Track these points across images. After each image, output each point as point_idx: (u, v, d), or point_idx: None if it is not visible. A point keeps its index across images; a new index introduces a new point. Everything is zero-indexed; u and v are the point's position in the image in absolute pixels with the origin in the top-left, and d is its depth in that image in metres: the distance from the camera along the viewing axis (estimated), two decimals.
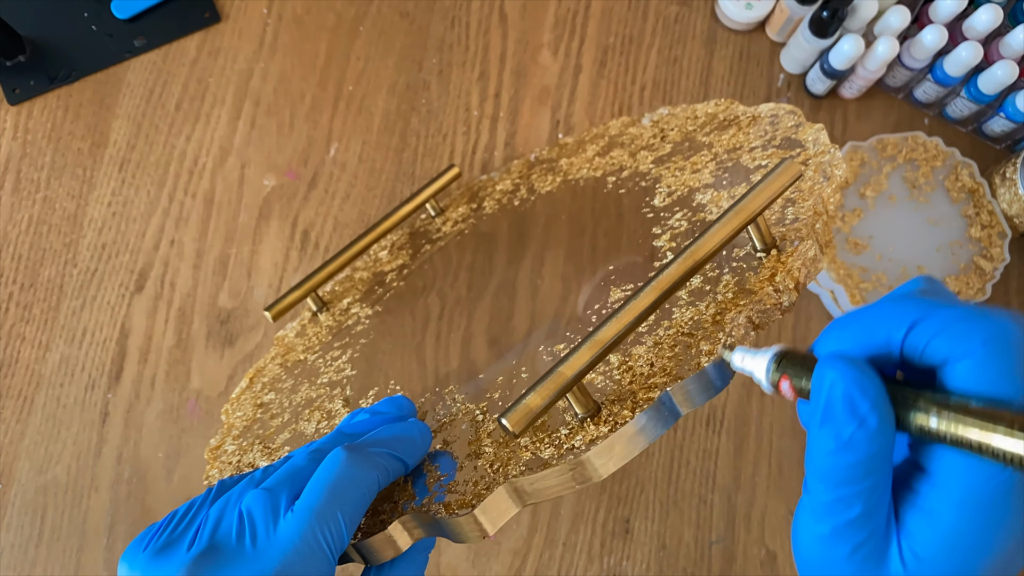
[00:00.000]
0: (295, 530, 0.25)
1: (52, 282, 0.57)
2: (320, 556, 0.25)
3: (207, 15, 0.61)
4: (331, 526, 0.25)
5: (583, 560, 0.54)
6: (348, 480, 0.26)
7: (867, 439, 0.20)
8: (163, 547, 0.26)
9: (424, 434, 0.31)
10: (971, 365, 0.19)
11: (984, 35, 0.55)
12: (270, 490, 0.26)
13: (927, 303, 0.20)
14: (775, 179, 0.28)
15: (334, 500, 0.25)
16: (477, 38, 0.62)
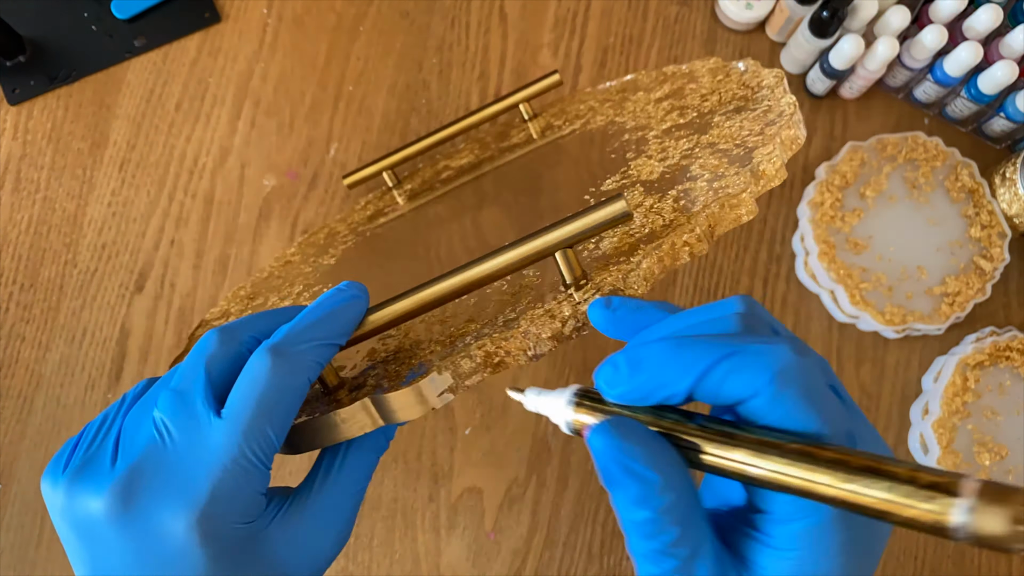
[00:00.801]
0: (224, 452, 0.23)
1: (52, 282, 0.57)
2: (253, 471, 0.24)
3: (207, 15, 0.61)
4: (261, 442, 0.24)
5: (583, 560, 0.54)
6: (276, 389, 0.24)
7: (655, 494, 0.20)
8: (81, 467, 0.24)
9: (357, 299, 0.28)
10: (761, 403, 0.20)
11: (984, 35, 0.55)
12: (180, 392, 0.24)
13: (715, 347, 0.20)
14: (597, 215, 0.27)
15: (262, 413, 0.24)
16: (477, 38, 0.62)
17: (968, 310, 0.56)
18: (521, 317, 0.28)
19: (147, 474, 0.23)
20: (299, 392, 0.25)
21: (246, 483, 0.24)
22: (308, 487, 0.28)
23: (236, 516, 0.24)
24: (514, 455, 0.55)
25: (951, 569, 0.55)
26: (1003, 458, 0.54)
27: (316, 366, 0.25)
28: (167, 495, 0.23)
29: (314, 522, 0.27)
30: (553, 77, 0.52)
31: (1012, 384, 0.55)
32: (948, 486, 0.16)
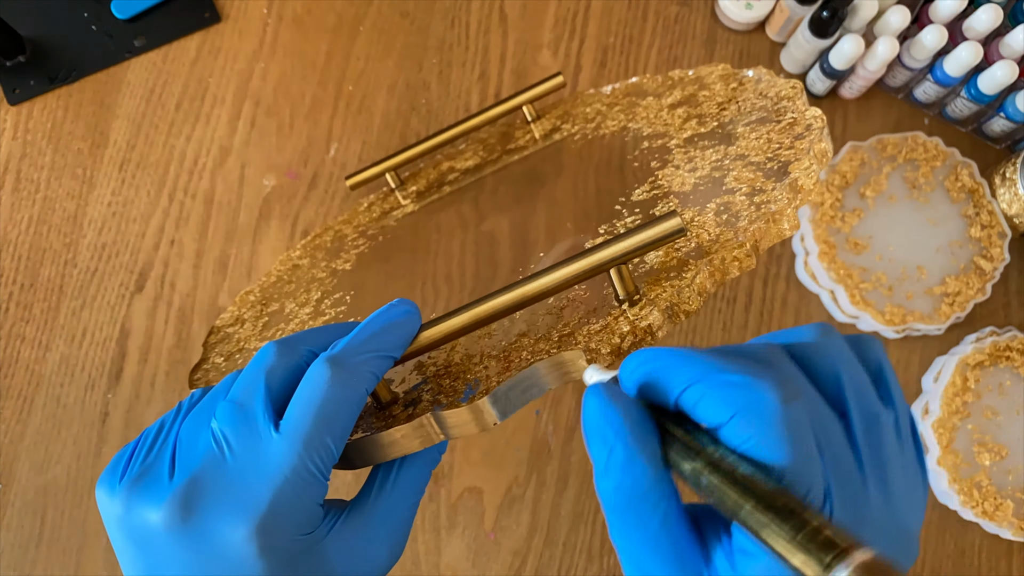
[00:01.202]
0: (284, 463, 0.23)
1: (52, 282, 0.57)
2: (313, 483, 0.24)
3: (207, 15, 0.61)
4: (321, 453, 0.24)
5: (583, 560, 0.54)
6: (335, 401, 0.24)
7: (619, 467, 0.20)
8: (139, 477, 0.24)
9: (410, 315, 0.28)
10: (731, 432, 0.20)
11: (984, 35, 0.55)
12: (240, 404, 0.24)
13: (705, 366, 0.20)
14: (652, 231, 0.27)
15: (323, 424, 0.24)
16: (477, 38, 0.62)
17: (968, 310, 0.56)
18: (577, 332, 0.28)
19: (206, 485, 0.23)
20: (357, 403, 0.25)
21: (305, 495, 0.24)
22: (364, 499, 0.28)
23: (295, 528, 0.24)
24: (514, 455, 0.55)
25: (951, 569, 0.55)
26: (1003, 458, 0.54)
27: (373, 377, 0.26)
28: (227, 506, 0.23)
29: (370, 534, 0.27)
30: (556, 79, 0.52)
31: (1012, 384, 0.55)
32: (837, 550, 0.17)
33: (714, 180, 0.33)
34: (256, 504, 0.23)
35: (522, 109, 0.53)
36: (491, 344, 0.31)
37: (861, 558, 0.17)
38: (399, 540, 0.28)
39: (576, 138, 0.47)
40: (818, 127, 0.32)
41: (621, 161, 0.40)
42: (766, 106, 0.36)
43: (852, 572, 0.16)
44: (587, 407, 0.21)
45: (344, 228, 0.54)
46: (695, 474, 0.20)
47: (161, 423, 0.27)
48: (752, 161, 0.33)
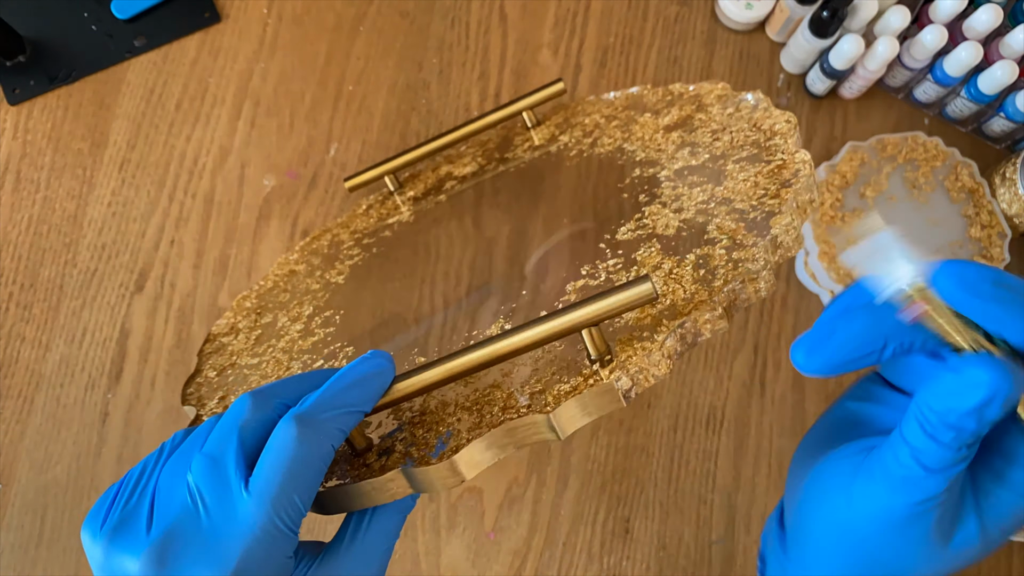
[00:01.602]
0: (253, 521, 0.24)
1: (52, 282, 0.57)
2: (281, 537, 0.25)
3: (207, 15, 0.61)
4: (289, 510, 0.25)
5: (583, 560, 0.54)
6: (302, 459, 0.25)
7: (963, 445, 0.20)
8: (119, 525, 0.25)
9: (383, 369, 0.29)
10: None
11: (984, 35, 0.55)
12: (214, 459, 0.25)
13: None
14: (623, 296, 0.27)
15: (290, 482, 0.25)
16: (477, 38, 0.62)
17: None
18: (548, 391, 0.29)
19: (180, 540, 0.24)
20: (324, 459, 0.26)
21: (275, 549, 0.25)
22: (337, 545, 0.28)
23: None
24: (514, 455, 0.55)
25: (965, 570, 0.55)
26: None
27: (340, 434, 0.26)
28: (198, 561, 0.24)
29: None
30: (557, 86, 0.52)
31: None
32: None
33: (697, 226, 0.33)
34: (227, 560, 0.24)
35: (523, 115, 0.53)
36: (465, 393, 0.31)
37: None
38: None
39: (572, 153, 0.47)
40: (805, 174, 0.32)
41: (612, 190, 0.40)
42: (758, 141, 0.36)
43: None
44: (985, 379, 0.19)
45: (341, 233, 0.54)
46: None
47: (143, 466, 0.27)
48: (737, 208, 0.33)
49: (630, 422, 0.56)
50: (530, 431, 0.28)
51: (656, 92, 0.48)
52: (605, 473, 0.55)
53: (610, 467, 0.55)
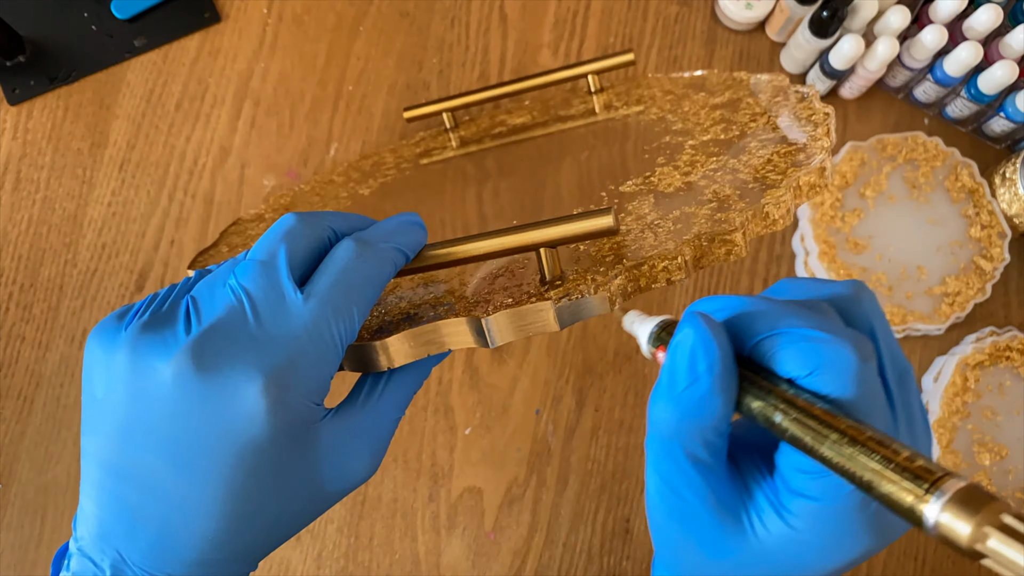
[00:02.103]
0: (308, 318, 0.23)
1: (52, 282, 0.57)
2: (331, 351, 0.24)
3: (207, 15, 0.61)
4: (345, 321, 0.24)
5: (583, 560, 0.54)
6: (362, 275, 0.24)
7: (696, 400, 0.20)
8: (151, 324, 0.23)
9: (420, 225, 0.29)
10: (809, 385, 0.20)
11: (984, 35, 0.55)
12: (264, 263, 0.24)
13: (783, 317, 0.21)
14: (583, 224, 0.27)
15: (350, 293, 0.24)
16: (477, 38, 0.62)
17: (968, 310, 0.56)
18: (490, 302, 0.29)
19: (227, 336, 0.23)
20: (381, 283, 0.25)
21: (323, 361, 0.24)
22: (352, 403, 0.28)
23: (307, 392, 0.24)
24: (514, 455, 0.55)
25: (951, 569, 0.55)
26: (1003, 458, 0.54)
27: (393, 265, 0.26)
28: (245, 357, 0.22)
29: (356, 435, 0.27)
30: (627, 56, 0.51)
31: (1012, 384, 0.55)
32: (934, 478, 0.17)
33: (696, 188, 0.33)
34: (275, 359, 0.23)
35: (587, 78, 0.52)
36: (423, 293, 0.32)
37: (958, 485, 0.17)
38: (380, 449, 0.28)
39: (617, 119, 0.48)
40: (819, 159, 0.32)
41: (637, 150, 0.41)
42: (791, 127, 0.36)
43: (950, 500, 0.16)
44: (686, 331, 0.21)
45: (387, 156, 0.55)
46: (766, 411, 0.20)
47: (170, 288, 0.26)
48: (740, 177, 0.33)
49: (630, 422, 0.56)
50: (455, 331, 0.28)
51: (720, 75, 0.48)
52: (605, 473, 0.55)
53: (610, 467, 0.55)
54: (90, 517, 0.25)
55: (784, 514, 0.21)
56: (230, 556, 0.25)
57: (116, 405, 0.24)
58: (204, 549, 0.24)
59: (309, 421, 0.24)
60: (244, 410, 0.22)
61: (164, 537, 0.24)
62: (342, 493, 0.27)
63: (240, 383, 0.22)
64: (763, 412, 0.20)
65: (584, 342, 0.57)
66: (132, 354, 0.23)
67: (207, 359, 0.22)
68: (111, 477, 0.24)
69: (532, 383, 0.56)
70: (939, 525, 0.16)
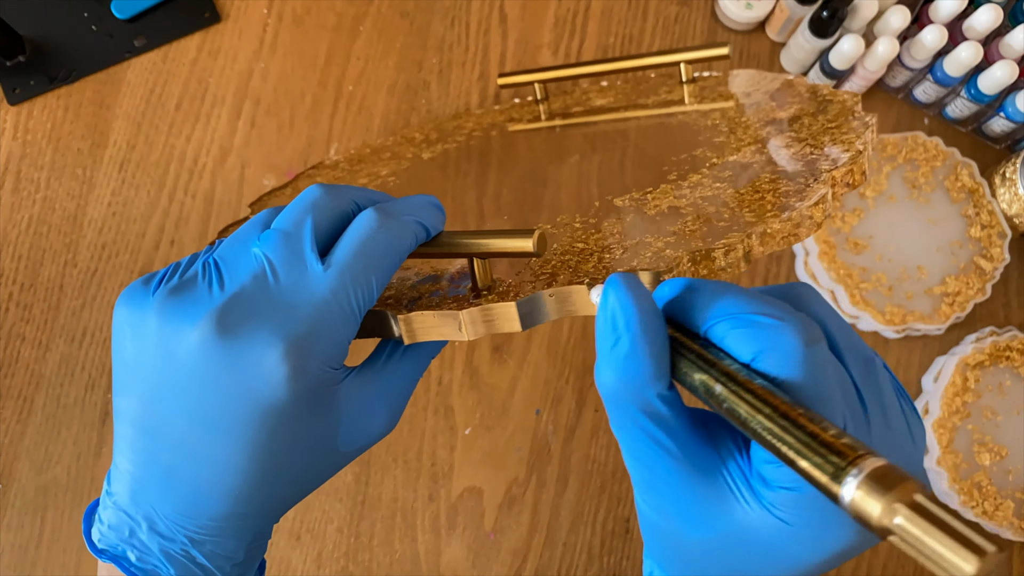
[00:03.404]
0: (329, 292, 0.24)
1: (52, 282, 0.57)
2: (349, 318, 0.25)
3: (207, 15, 0.61)
4: (364, 289, 0.25)
5: (583, 560, 0.54)
6: (384, 245, 0.25)
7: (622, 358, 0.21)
8: (178, 288, 0.25)
9: (441, 209, 0.29)
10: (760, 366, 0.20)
11: (984, 35, 0.55)
12: (287, 233, 0.25)
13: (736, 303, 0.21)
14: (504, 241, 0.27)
15: (370, 263, 0.25)
16: (477, 38, 0.62)
17: (968, 310, 0.56)
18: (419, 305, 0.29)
19: (249, 303, 0.24)
20: (401, 254, 0.26)
21: (342, 328, 0.25)
22: (373, 364, 0.29)
23: (326, 358, 0.25)
24: (514, 455, 0.55)
25: None
26: (1003, 458, 0.54)
27: (415, 238, 0.27)
28: (267, 325, 0.23)
29: (375, 394, 0.28)
30: (721, 49, 0.47)
31: (1012, 384, 0.55)
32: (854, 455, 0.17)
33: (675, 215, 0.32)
34: (295, 326, 0.23)
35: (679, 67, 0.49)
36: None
37: (875, 464, 0.17)
38: (398, 408, 0.29)
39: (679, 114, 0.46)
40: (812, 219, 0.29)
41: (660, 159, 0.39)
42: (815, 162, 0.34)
43: (865, 477, 0.16)
44: (605, 295, 0.21)
45: (467, 121, 0.55)
46: (707, 384, 0.20)
47: (193, 255, 0.27)
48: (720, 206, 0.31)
49: None
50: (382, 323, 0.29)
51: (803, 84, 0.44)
52: (605, 473, 0.55)
53: (610, 467, 0.55)
54: (124, 474, 0.26)
55: (762, 498, 0.21)
56: (256, 510, 0.27)
57: (146, 367, 0.25)
58: (231, 504, 0.26)
59: (328, 384, 0.25)
60: (266, 374, 0.23)
61: (194, 493, 0.26)
62: (360, 450, 0.28)
63: (262, 349, 0.23)
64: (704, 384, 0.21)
65: (584, 342, 0.57)
66: (160, 318, 0.24)
67: (231, 325, 0.23)
68: (143, 436, 0.25)
69: (532, 383, 0.56)
70: (853, 502, 0.16)
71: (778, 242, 0.29)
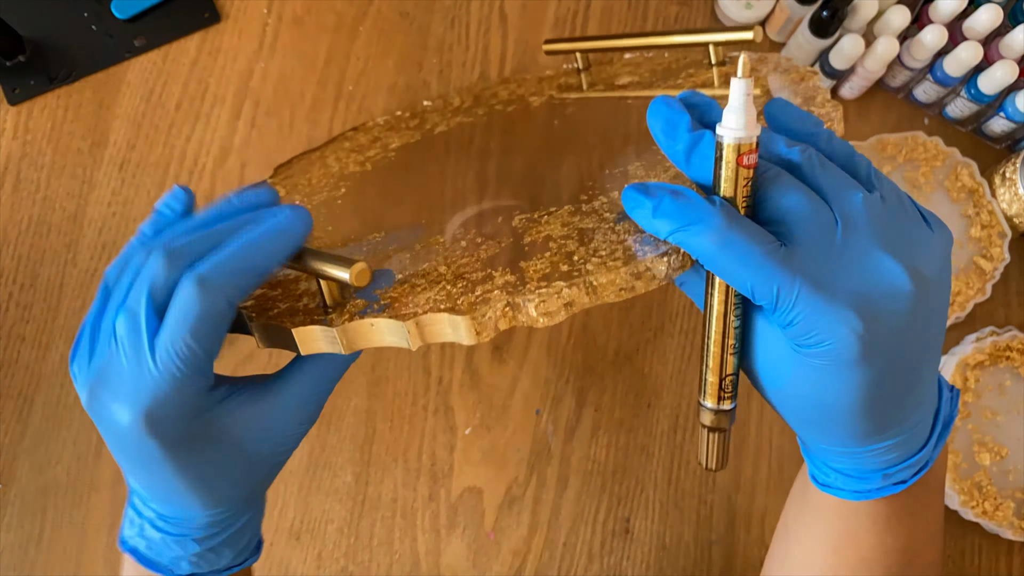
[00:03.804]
0: (161, 368, 0.27)
1: (52, 282, 0.57)
2: (187, 380, 0.28)
3: (207, 15, 0.61)
4: (191, 359, 0.28)
5: (583, 560, 0.54)
6: (200, 316, 0.28)
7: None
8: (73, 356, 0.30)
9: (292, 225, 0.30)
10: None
11: (984, 35, 0.55)
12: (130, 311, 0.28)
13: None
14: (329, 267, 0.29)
15: (190, 336, 0.27)
16: (477, 38, 0.62)
17: (968, 310, 0.56)
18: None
19: (105, 380, 0.28)
20: (223, 315, 0.28)
21: (183, 388, 0.28)
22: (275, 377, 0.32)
23: (178, 414, 0.28)
24: (514, 455, 0.55)
25: (951, 569, 0.55)
26: (1003, 458, 0.54)
27: (238, 292, 0.29)
28: (118, 397, 0.28)
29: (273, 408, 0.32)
30: (748, 34, 0.45)
31: (1012, 384, 0.55)
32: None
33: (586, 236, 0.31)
34: (139, 397, 0.28)
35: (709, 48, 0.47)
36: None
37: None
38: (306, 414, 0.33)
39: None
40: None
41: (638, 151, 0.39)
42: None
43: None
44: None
45: (501, 90, 0.55)
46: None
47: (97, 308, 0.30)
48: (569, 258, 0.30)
49: (630, 422, 0.56)
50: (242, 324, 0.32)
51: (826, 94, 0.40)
52: (605, 473, 0.55)
53: (610, 467, 0.55)
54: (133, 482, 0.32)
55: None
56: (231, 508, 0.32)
57: None
58: (205, 512, 0.31)
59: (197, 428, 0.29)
60: (131, 435, 0.28)
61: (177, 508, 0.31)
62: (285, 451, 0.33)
63: (120, 415, 0.28)
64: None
65: (584, 342, 0.57)
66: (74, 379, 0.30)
67: (96, 395, 0.29)
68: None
69: (532, 383, 0.56)
70: None
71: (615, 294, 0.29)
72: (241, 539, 0.34)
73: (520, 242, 0.33)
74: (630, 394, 0.56)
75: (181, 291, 0.28)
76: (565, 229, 0.32)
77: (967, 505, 0.53)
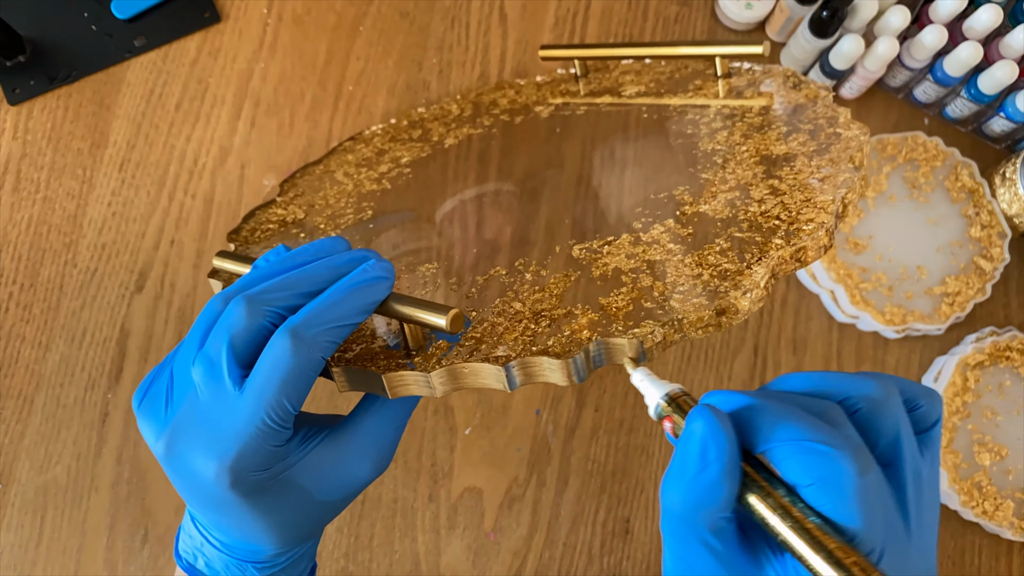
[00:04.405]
0: (248, 421, 0.27)
1: (52, 282, 0.57)
2: (271, 434, 0.28)
3: (207, 15, 0.61)
4: (280, 412, 0.27)
5: (583, 560, 0.54)
6: (294, 370, 0.27)
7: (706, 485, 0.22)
8: (144, 406, 0.29)
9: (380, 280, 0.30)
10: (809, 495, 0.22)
11: (984, 35, 0.55)
12: (210, 360, 0.28)
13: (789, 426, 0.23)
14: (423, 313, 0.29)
15: (281, 390, 0.27)
16: (477, 38, 0.62)
17: (968, 310, 0.56)
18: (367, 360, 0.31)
19: (185, 431, 0.28)
20: (315, 369, 0.28)
21: (267, 442, 0.28)
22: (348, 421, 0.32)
23: (257, 467, 0.28)
24: (514, 455, 0.55)
25: (951, 569, 0.55)
26: (1003, 458, 0.54)
27: (331, 345, 0.29)
28: (200, 449, 0.28)
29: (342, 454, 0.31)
30: (755, 48, 0.45)
31: (1012, 384, 0.55)
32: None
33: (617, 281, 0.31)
34: (223, 449, 0.27)
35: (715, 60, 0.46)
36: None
37: None
38: (383, 457, 0.32)
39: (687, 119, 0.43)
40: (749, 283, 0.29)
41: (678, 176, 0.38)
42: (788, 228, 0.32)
43: None
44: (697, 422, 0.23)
45: (502, 98, 0.54)
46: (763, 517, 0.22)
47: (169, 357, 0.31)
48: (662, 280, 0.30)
49: (630, 422, 0.56)
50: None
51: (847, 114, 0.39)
52: (605, 473, 0.55)
53: (610, 467, 0.55)
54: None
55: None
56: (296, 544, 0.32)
57: None
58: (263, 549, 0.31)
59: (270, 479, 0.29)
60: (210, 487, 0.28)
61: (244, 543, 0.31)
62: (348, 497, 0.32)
63: (200, 468, 0.28)
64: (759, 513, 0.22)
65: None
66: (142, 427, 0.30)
67: (175, 446, 0.28)
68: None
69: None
70: None
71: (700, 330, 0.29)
72: (299, 565, 0.34)
73: (590, 275, 0.33)
74: (630, 394, 0.56)
75: (275, 345, 0.27)
76: (632, 262, 0.32)
77: (967, 505, 0.53)
